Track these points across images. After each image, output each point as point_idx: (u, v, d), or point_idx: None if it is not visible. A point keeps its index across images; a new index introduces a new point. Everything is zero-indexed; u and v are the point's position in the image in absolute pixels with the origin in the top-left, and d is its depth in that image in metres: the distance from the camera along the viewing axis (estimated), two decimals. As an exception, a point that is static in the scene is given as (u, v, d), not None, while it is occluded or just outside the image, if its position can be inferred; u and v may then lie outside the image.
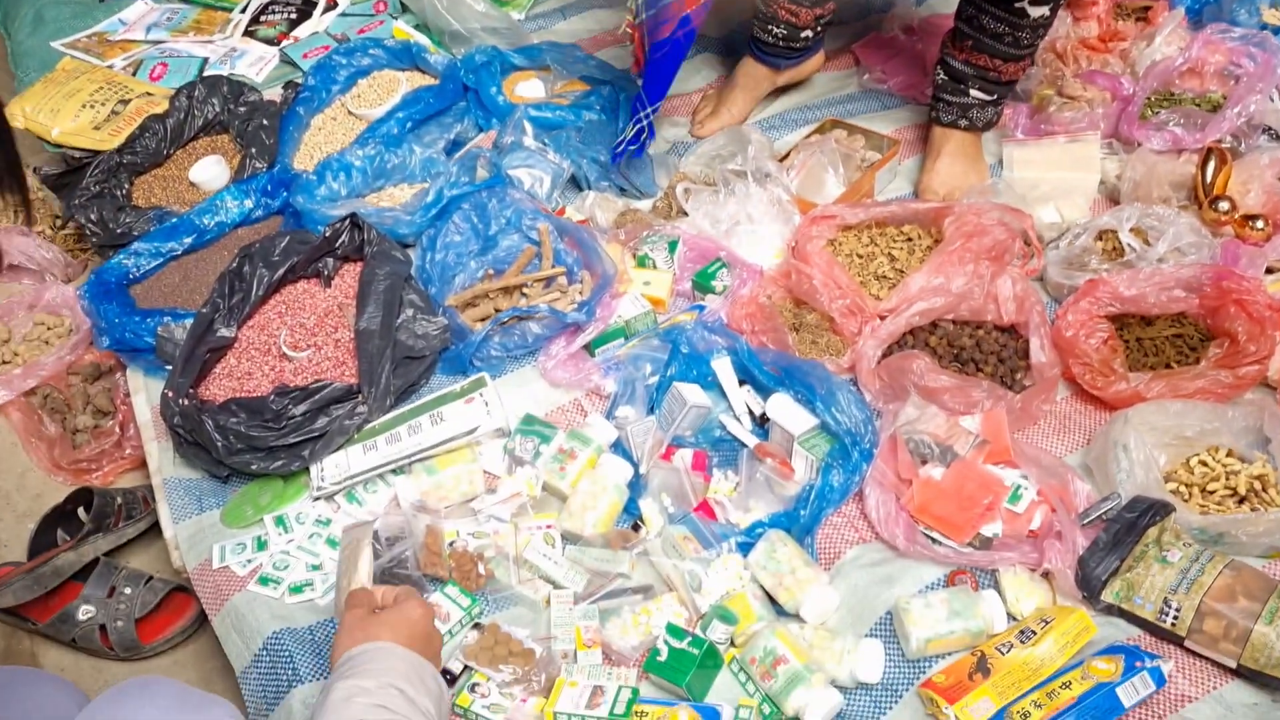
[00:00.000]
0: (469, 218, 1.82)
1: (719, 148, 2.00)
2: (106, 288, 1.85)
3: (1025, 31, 1.79)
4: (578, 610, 1.38)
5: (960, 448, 1.45)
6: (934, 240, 1.77)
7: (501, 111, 2.10)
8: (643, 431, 1.54)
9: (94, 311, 1.81)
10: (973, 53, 1.85)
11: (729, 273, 1.75)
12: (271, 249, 1.76)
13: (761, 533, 1.41)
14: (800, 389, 1.52)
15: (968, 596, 1.29)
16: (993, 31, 1.81)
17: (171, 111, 2.14)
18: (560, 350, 1.66)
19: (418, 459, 1.55)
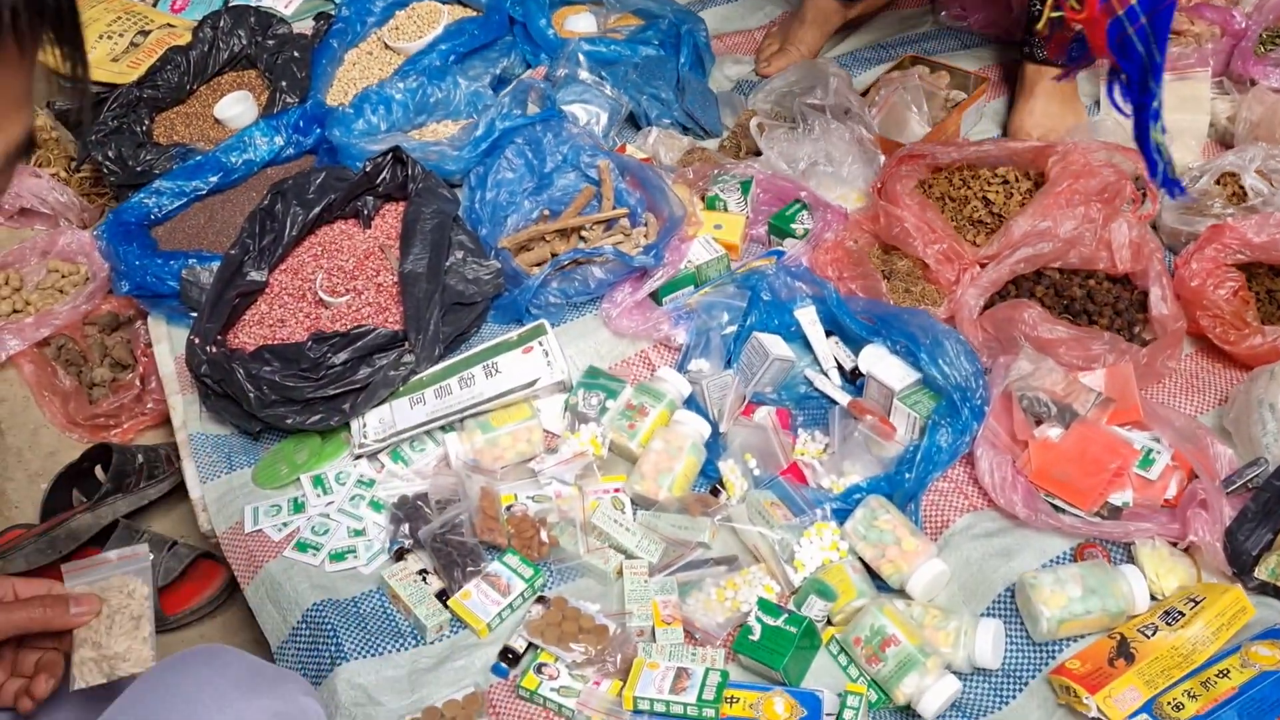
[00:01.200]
0: (522, 153, 1.66)
1: (790, 84, 1.83)
2: (126, 228, 1.70)
3: None
4: (654, 583, 1.23)
5: (1080, 406, 1.29)
6: (1033, 184, 1.61)
7: (551, 46, 1.94)
8: (720, 386, 1.38)
9: (112, 253, 1.66)
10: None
11: (810, 215, 1.59)
12: (306, 186, 1.61)
13: (859, 498, 1.25)
14: (900, 339, 1.36)
15: (1104, 572, 1.14)
16: None
17: (195, 44, 1.98)
18: (625, 297, 1.51)
19: (470, 414, 1.40)
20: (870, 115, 1.73)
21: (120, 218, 1.71)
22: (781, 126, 1.72)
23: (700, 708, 1.08)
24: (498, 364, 1.42)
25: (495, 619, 1.22)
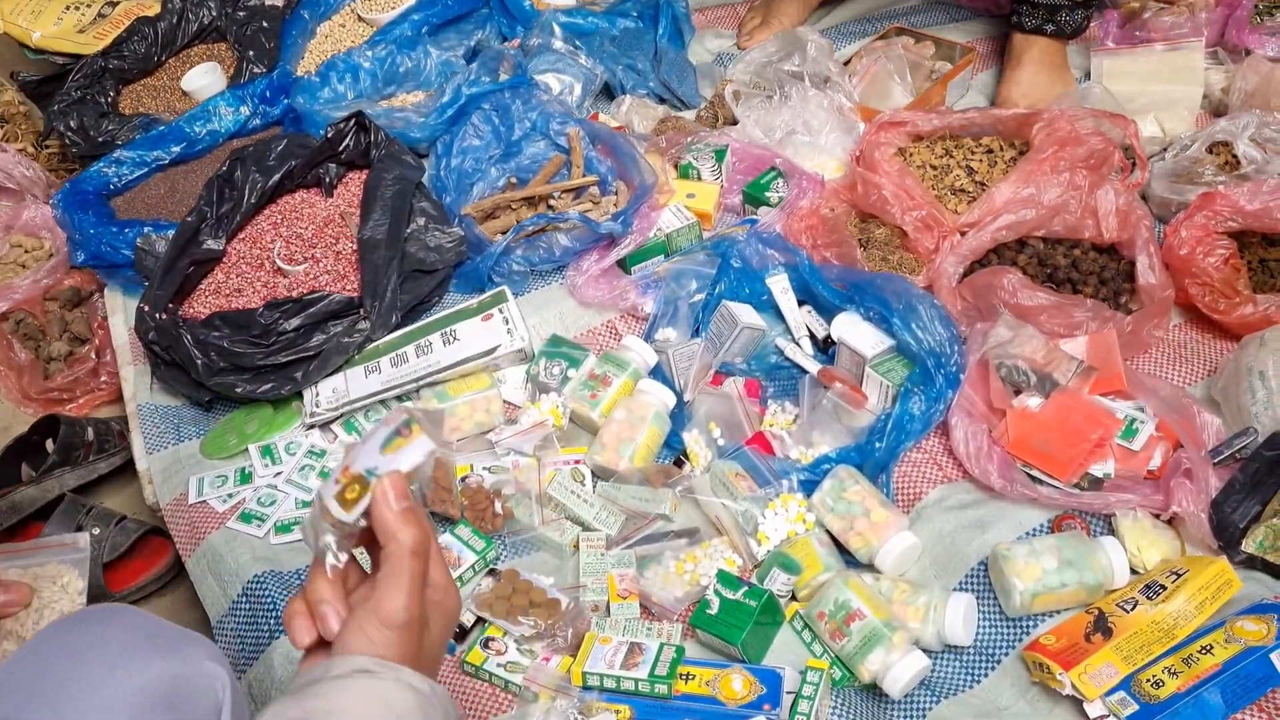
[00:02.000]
0: (490, 119, 1.60)
1: (770, 55, 1.77)
2: (84, 198, 1.65)
3: None
4: (611, 556, 1.17)
5: (1061, 375, 1.23)
6: (1018, 153, 1.55)
7: (528, 17, 1.89)
8: (687, 355, 1.33)
9: (68, 222, 1.61)
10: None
11: (785, 184, 1.53)
12: (267, 153, 1.56)
13: (828, 469, 1.19)
14: (873, 305, 1.30)
15: (1082, 543, 1.08)
16: None
17: (163, 15, 1.94)
18: (592, 265, 1.45)
19: (427, 383, 1.34)
20: (851, 84, 1.67)
21: (78, 187, 1.66)
22: (759, 95, 1.66)
23: (652, 683, 1.02)
24: (456, 331, 1.37)
25: (444, 593, 1.16)
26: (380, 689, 0.62)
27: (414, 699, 0.63)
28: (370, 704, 0.61)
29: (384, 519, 0.65)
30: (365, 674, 0.62)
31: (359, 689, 0.62)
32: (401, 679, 0.63)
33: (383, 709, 0.61)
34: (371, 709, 0.61)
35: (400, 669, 0.64)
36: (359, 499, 0.65)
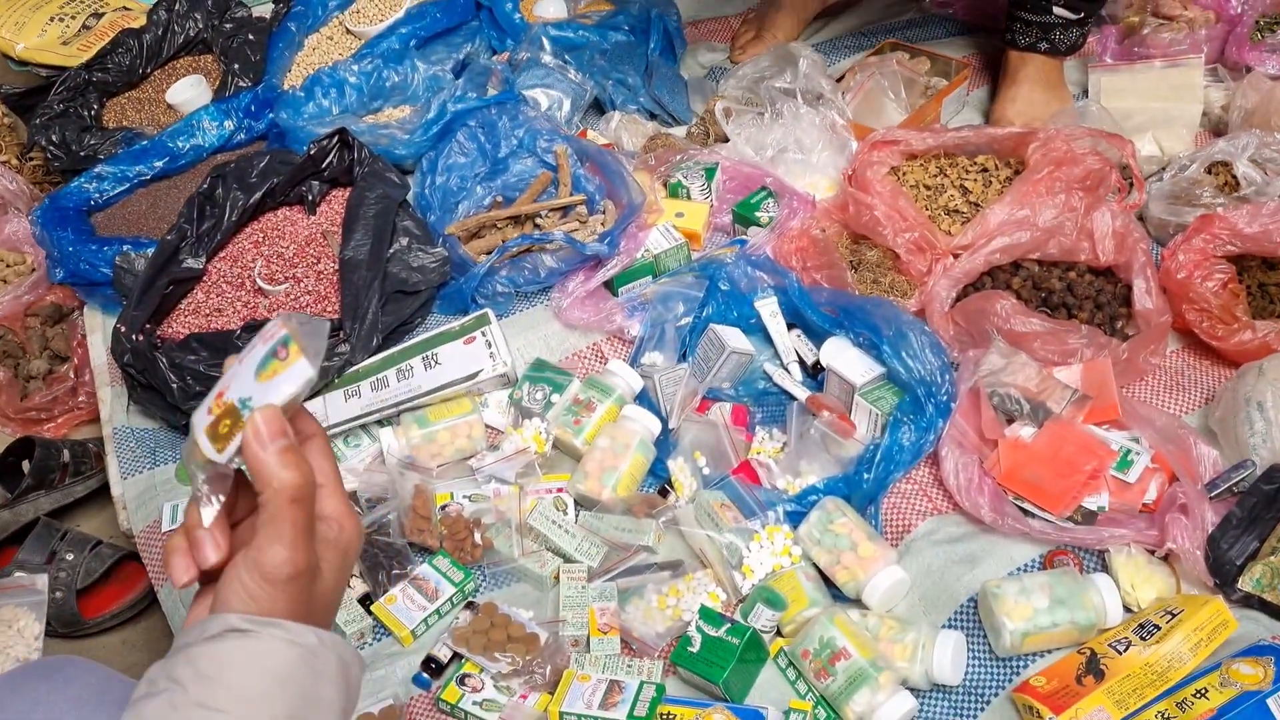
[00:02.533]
0: (475, 137, 1.58)
1: (762, 69, 1.75)
2: (63, 214, 1.62)
3: None
4: (592, 589, 1.14)
5: (1055, 404, 1.20)
6: (1013, 172, 1.52)
7: (518, 31, 1.86)
8: (673, 381, 1.30)
9: (46, 239, 1.58)
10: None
11: (776, 203, 1.51)
12: (248, 170, 1.53)
13: (815, 500, 1.16)
14: (862, 331, 1.27)
15: (1074, 581, 1.05)
16: None
17: (149, 26, 1.91)
18: (577, 287, 1.42)
19: (408, 408, 1.31)
20: (844, 101, 1.65)
21: (57, 203, 1.64)
22: (750, 112, 1.64)
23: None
24: (438, 355, 1.34)
25: (420, 625, 1.14)
26: (256, 648, 0.56)
27: (296, 655, 0.58)
28: (244, 666, 0.56)
29: (258, 461, 0.57)
30: (238, 633, 0.57)
31: (231, 650, 0.56)
32: (282, 635, 0.57)
33: (259, 671, 0.56)
34: (246, 673, 0.56)
35: (281, 624, 0.57)
36: (232, 434, 0.57)
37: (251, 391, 0.57)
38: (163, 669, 0.57)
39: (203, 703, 0.55)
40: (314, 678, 0.59)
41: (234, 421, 0.57)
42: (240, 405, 0.57)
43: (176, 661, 0.57)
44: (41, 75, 1.91)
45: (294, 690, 0.57)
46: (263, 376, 0.57)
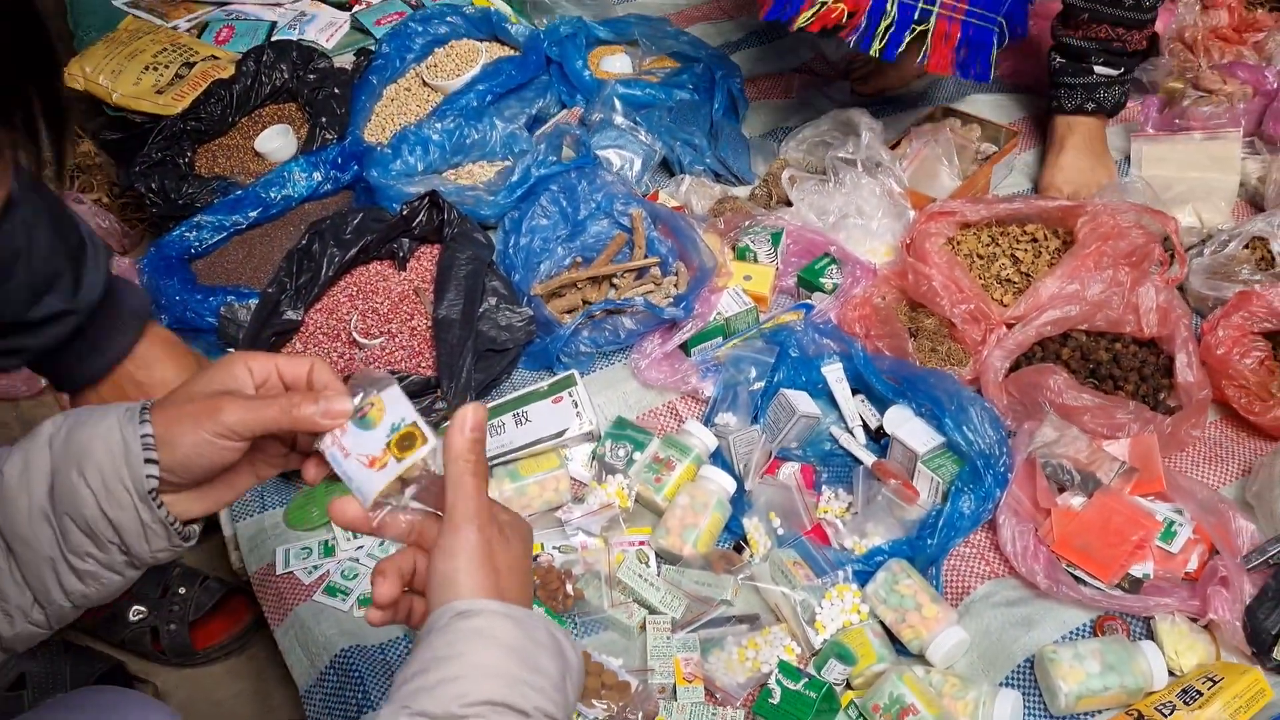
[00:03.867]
0: (557, 200, 1.68)
1: (822, 133, 1.85)
2: (168, 262, 1.73)
3: None
4: (676, 639, 1.25)
5: (1104, 475, 1.30)
6: (1062, 242, 1.62)
7: (587, 87, 1.96)
8: (747, 442, 1.40)
9: (154, 287, 1.69)
10: (1090, 25, 1.72)
11: (839, 270, 1.61)
12: (343, 226, 1.64)
13: (881, 561, 1.27)
14: (924, 402, 1.37)
15: (1123, 648, 1.15)
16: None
17: (238, 77, 2.02)
18: (655, 348, 1.53)
19: (500, 462, 1.42)
20: (901, 168, 1.74)
21: (162, 251, 1.74)
22: (812, 178, 1.74)
23: (720, 770, 1.10)
24: (528, 413, 1.45)
25: (519, 671, 1.24)
26: (480, 624, 0.67)
27: (512, 625, 0.68)
28: (474, 641, 0.66)
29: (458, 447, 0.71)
30: (462, 616, 0.67)
31: (460, 630, 0.67)
32: (497, 609, 0.68)
33: (485, 642, 0.66)
34: (476, 646, 0.66)
35: (493, 601, 0.68)
36: (409, 451, 0.72)
37: (402, 414, 0.73)
38: (408, 664, 0.67)
39: (444, 679, 0.65)
40: (533, 645, 0.68)
41: (414, 439, 0.71)
42: (399, 425, 0.72)
43: (417, 655, 0.68)
44: (135, 121, 2.02)
45: (517, 658, 0.67)
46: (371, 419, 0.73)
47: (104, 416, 0.72)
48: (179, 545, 0.75)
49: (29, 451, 0.72)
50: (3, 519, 0.71)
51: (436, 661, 0.66)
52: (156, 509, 0.71)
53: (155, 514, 0.71)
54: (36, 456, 0.71)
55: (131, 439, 0.71)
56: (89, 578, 0.73)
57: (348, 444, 0.74)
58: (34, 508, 0.71)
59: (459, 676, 0.65)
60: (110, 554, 0.72)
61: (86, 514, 0.70)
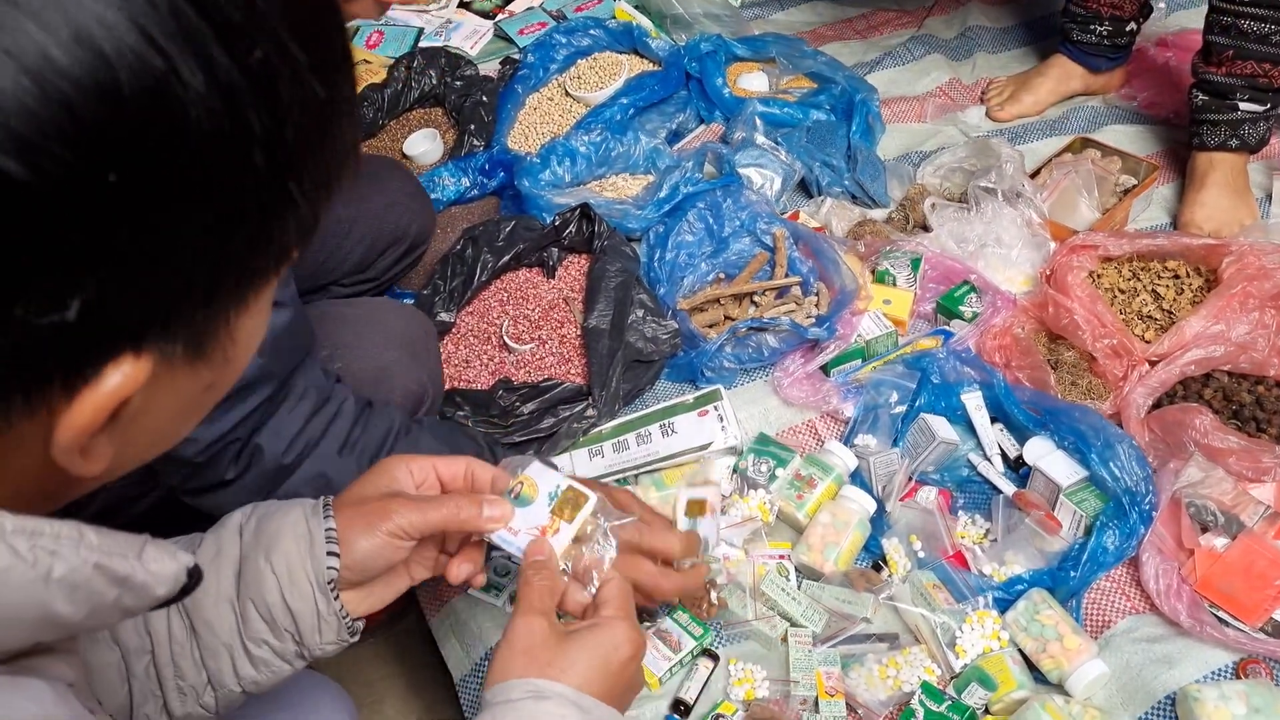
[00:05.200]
0: (703, 217, 1.73)
1: (960, 160, 1.87)
2: (324, 260, 1.81)
3: None
4: (817, 653, 1.29)
5: (1248, 518, 1.31)
6: (1204, 280, 1.63)
7: (726, 104, 2.01)
8: (886, 464, 1.44)
9: (313, 284, 1.77)
10: (1235, 62, 1.72)
11: (978, 298, 1.63)
12: (496, 233, 1.71)
13: (1021, 589, 1.30)
14: (1068, 436, 1.40)
15: (1269, 692, 1.16)
16: (1258, 34, 1.69)
17: (389, 81, 2.10)
18: (797, 367, 1.57)
19: (645, 471, 1.47)
20: (1041, 199, 1.76)
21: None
22: (952, 206, 1.76)
23: (865, 784, 1.14)
24: (674, 424, 1.50)
25: (666, 674, 1.29)
26: (549, 709, 0.69)
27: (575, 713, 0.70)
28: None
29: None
30: (534, 695, 0.70)
31: (528, 711, 0.69)
32: (569, 695, 0.70)
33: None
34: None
35: (573, 691, 0.71)
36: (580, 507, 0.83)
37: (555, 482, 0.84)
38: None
39: None
40: None
41: (568, 506, 0.81)
42: (556, 492, 0.83)
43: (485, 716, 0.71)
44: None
45: None
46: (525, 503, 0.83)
47: (291, 509, 0.79)
48: (346, 640, 0.80)
49: (221, 538, 0.78)
50: (191, 603, 0.77)
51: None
52: (333, 600, 0.77)
53: (331, 605, 0.77)
54: (228, 543, 0.77)
55: (317, 531, 0.77)
56: (261, 665, 0.78)
57: (515, 525, 0.81)
58: (221, 592, 0.76)
59: None
60: (285, 642, 0.78)
61: (269, 599, 0.76)
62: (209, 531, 0.79)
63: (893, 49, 2.26)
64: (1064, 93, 2.10)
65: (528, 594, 0.76)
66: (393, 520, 0.77)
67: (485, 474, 0.85)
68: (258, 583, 0.76)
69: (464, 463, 0.84)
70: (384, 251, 1.39)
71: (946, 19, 2.37)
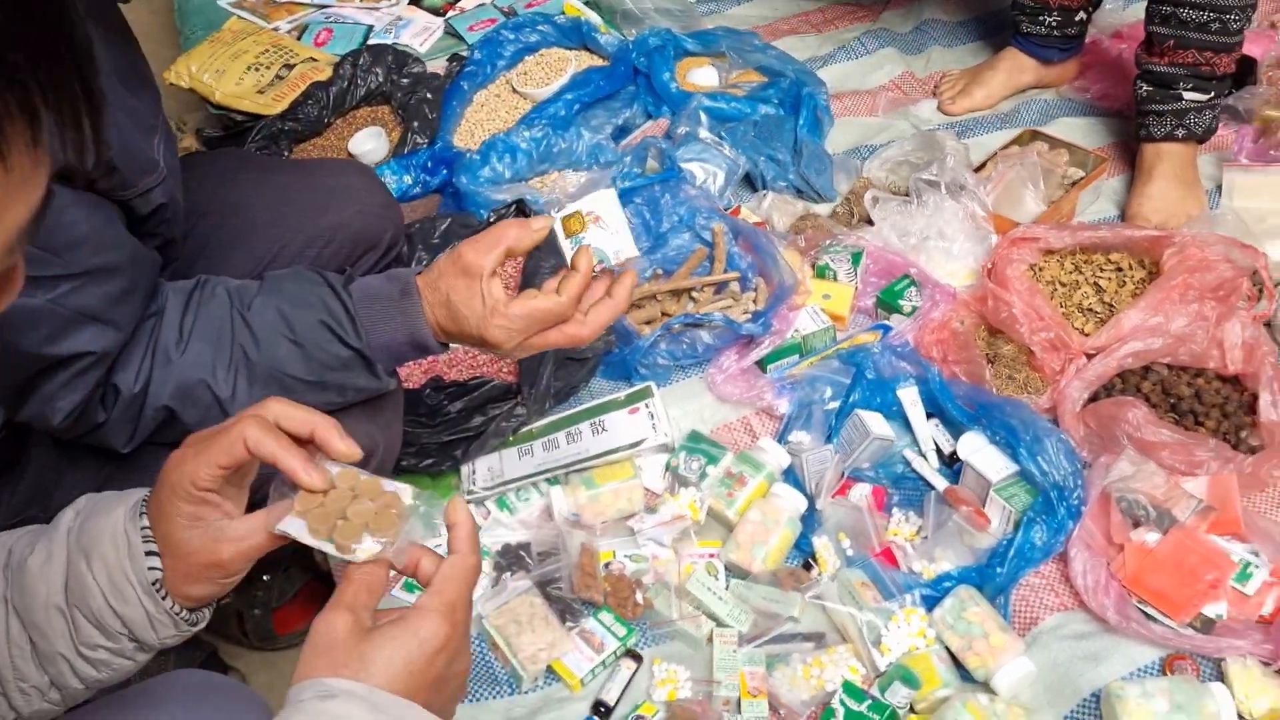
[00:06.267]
0: (640, 213, 1.71)
1: (907, 153, 1.85)
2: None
3: (1234, 13, 1.67)
4: (742, 653, 1.27)
5: (1180, 513, 1.29)
6: (1147, 272, 1.61)
7: (674, 99, 1.99)
8: (819, 461, 1.41)
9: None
10: (1176, 52, 1.72)
11: (918, 292, 1.61)
12: (432, 231, 1.69)
13: (949, 587, 1.27)
14: (999, 431, 1.38)
15: (1192, 688, 1.14)
16: (1197, 23, 1.69)
17: (335, 79, 2.08)
18: (731, 363, 1.55)
19: (575, 469, 1.45)
20: (985, 191, 1.74)
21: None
22: (895, 199, 1.74)
23: (781, 786, 1.12)
24: (604, 422, 1.48)
25: (589, 675, 1.27)
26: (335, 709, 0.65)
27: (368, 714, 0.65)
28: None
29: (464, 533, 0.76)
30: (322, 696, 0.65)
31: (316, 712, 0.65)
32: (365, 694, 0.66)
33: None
34: None
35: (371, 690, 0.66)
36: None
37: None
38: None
39: None
40: None
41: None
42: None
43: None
44: (236, 120, 2.09)
45: None
46: None
47: (114, 509, 0.75)
48: (186, 631, 0.78)
49: (52, 541, 0.75)
50: (23, 607, 0.74)
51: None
52: (161, 600, 0.74)
53: (160, 605, 0.74)
54: (57, 548, 0.75)
55: (133, 533, 0.74)
56: (101, 665, 0.76)
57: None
58: (50, 600, 0.74)
59: None
60: (120, 643, 0.75)
61: (94, 606, 0.73)
62: (44, 532, 0.76)
63: (847, 43, 2.24)
64: (1016, 86, 2.08)
65: (341, 589, 0.72)
66: (186, 476, 0.72)
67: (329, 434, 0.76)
68: (82, 590, 0.73)
69: (309, 426, 0.76)
70: (360, 258, 1.38)
71: (903, 13, 2.35)
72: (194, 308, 1.01)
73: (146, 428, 0.99)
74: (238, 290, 1.03)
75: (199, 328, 1.00)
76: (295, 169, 1.45)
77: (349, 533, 0.74)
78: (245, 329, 1.00)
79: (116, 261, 0.91)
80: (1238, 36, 1.71)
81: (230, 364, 0.99)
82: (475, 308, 1.01)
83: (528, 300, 1.01)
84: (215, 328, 1.00)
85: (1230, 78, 1.77)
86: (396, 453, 1.24)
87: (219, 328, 1.00)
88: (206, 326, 1.00)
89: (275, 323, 1.01)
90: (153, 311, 0.99)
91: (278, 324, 1.01)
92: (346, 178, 1.42)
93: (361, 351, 1.02)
